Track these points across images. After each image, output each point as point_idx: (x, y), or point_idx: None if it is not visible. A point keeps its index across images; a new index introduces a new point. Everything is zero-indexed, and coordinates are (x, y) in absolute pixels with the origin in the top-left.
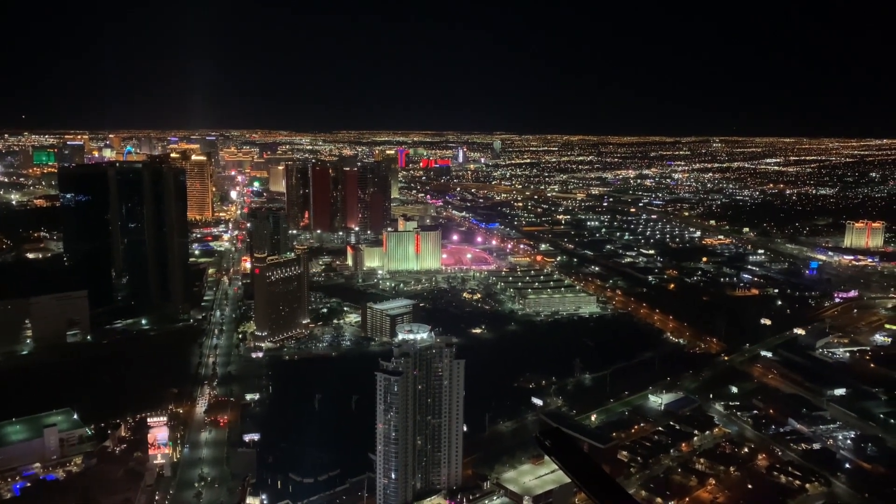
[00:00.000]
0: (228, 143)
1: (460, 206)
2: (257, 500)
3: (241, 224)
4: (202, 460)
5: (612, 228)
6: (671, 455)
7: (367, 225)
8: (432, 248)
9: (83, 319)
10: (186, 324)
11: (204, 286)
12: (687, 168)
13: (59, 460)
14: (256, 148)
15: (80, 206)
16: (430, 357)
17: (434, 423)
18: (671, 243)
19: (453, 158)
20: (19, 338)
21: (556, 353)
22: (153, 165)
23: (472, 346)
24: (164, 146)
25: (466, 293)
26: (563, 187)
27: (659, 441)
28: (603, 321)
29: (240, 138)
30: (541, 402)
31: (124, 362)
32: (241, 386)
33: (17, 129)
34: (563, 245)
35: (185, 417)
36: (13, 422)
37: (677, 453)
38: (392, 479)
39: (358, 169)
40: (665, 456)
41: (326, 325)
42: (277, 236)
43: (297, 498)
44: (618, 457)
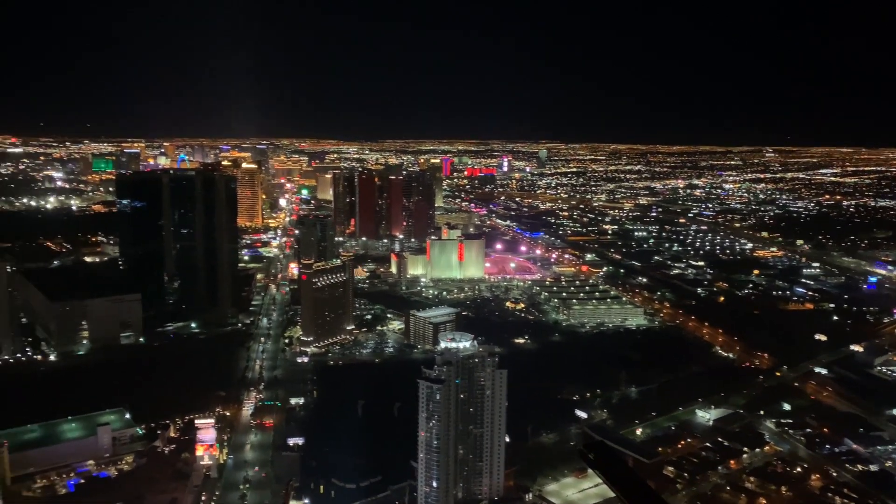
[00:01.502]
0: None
1: (504, 214)
2: None
3: (289, 231)
4: (247, 463)
5: (660, 239)
6: (719, 472)
7: (411, 233)
8: (476, 256)
9: (136, 322)
10: (235, 328)
11: (252, 291)
12: (738, 178)
13: (112, 458)
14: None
15: (136, 211)
16: (472, 366)
17: (476, 432)
18: (721, 255)
19: (498, 167)
20: (76, 338)
21: (601, 365)
22: (205, 173)
23: (514, 356)
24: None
25: (510, 302)
26: (610, 197)
27: (707, 457)
28: (650, 334)
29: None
30: (584, 414)
31: (174, 364)
32: (287, 390)
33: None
34: (610, 255)
35: (231, 420)
36: (69, 420)
37: (726, 470)
38: (433, 487)
39: (403, 177)
40: (713, 473)
41: (370, 332)
42: (324, 243)
43: (339, 503)
44: (664, 472)
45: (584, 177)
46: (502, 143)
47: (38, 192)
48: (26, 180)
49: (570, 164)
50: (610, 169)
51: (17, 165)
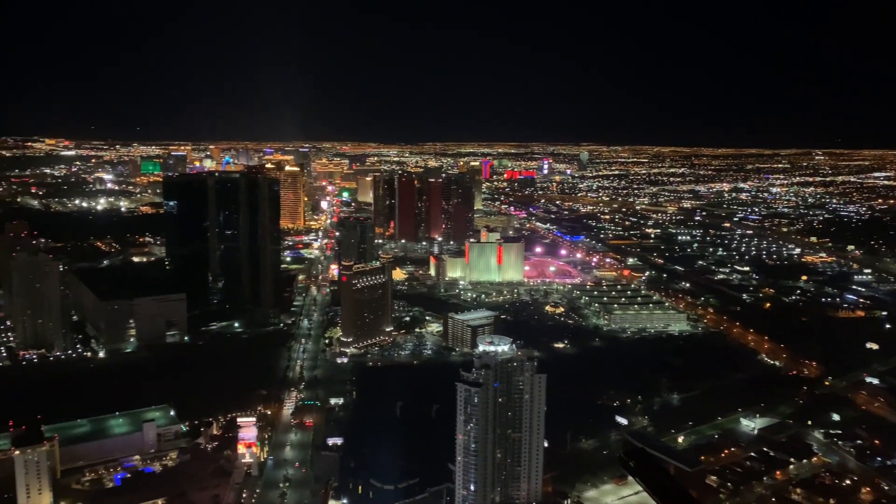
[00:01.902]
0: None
1: (544, 217)
2: None
3: (330, 233)
4: (287, 461)
5: (704, 243)
6: (764, 483)
7: (450, 235)
8: (515, 259)
9: (181, 321)
10: (276, 328)
11: (294, 292)
12: (786, 182)
13: (156, 454)
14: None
15: (182, 213)
16: (511, 370)
17: (514, 436)
18: (768, 260)
19: (538, 170)
20: (124, 336)
21: (642, 371)
22: (249, 175)
23: (554, 360)
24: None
25: (549, 306)
26: (653, 200)
27: (751, 467)
28: (693, 340)
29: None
30: (625, 420)
31: (218, 363)
32: (326, 390)
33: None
34: (652, 260)
35: (272, 418)
36: (116, 415)
37: (771, 481)
38: (471, 490)
39: (442, 180)
40: (757, 483)
41: (409, 334)
42: (364, 245)
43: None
44: (706, 482)
45: (627, 179)
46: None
47: (89, 193)
48: (78, 182)
49: (611, 167)
50: (653, 172)
51: (69, 168)
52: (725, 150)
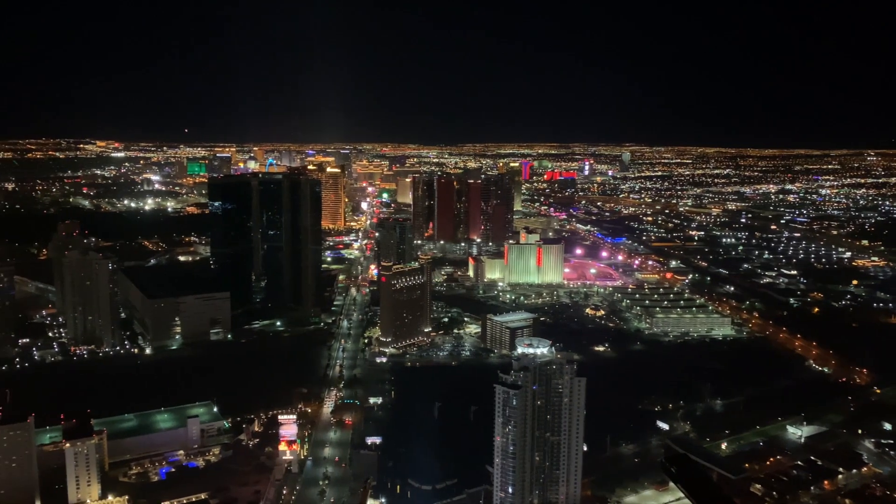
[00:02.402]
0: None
1: (585, 219)
2: (377, 503)
3: (370, 233)
4: (326, 459)
5: (749, 246)
6: (811, 492)
7: (489, 237)
8: (554, 261)
9: (225, 319)
10: (317, 327)
11: (334, 292)
12: (836, 183)
13: (200, 449)
14: (386, 161)
15: (226, 213)
16: (550, 372)
17: (553, 440)
18: (816, 264)
19: (579, 171)
20: (170, 333)
21: (685, 376)
22: (292, 177)
23: (594, 363)
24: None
25: (589, 309)
26: (697, 202)
27: (798, 476)
28: (737, 344)
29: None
30: (666, 426)
31: (260, 361)
32: (366, 389)
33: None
34: (696, 262)
35: (312, 416)
36: (161, 411)
37: (818, 491)
38: (509, 493)
39: (481, 181)
40: (804, 493)
41: (447, 335)
42: (403, 246)
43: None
44: (750, 490)
45: (670, 181)
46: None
47: (138, 194)
48: (127, 183)
49: (654, 168)
50: (697, 173)
51: (119, 169)
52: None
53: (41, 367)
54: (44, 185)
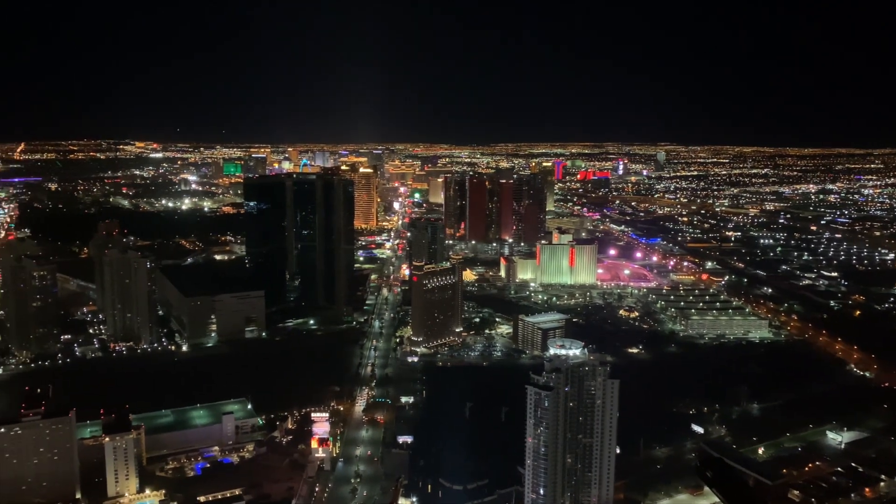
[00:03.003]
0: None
1: (619, 219)
2: (408, 502)
3: (401, 233)
4: (358, 458)
5: (788, 247)
6: (851, 499)
7: (521, 237)
8: (587, 262)
9: (260, 317)
10: (349, 326)
11: (366, 291)
12: (880, 183)
13: (234, 446)
14: (418, 161)
15: (261, 213)
16: (582, 374)
17: (585, 442)
18: (858, 266)
19: (613, 170)
20: (206, 331)
21: (721, 379)
22: (325, 177)
23: (627, 365)
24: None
25: (623, 310)
26: (734, 202)
27: (837, 483)
28: (775, 348)
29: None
30: (701, 429)
31: (293, 359)
32: (397, 388)
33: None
34: (732, 264)
35: (345, 415)
36: (197, 407)
37: (859, 498)
38: (540, 494)
39: (513, 181)
40: (844, 500)
41: (478, 335)
42: (434, 246)
43: None
44: (788, 496)
45: (706, 180)
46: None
47: (175, 194)
48: (165, 183)
49: (690, 168)
50: (734, 172)
51: (157, 169)
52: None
53: (82, 362)
54: (85, 185)
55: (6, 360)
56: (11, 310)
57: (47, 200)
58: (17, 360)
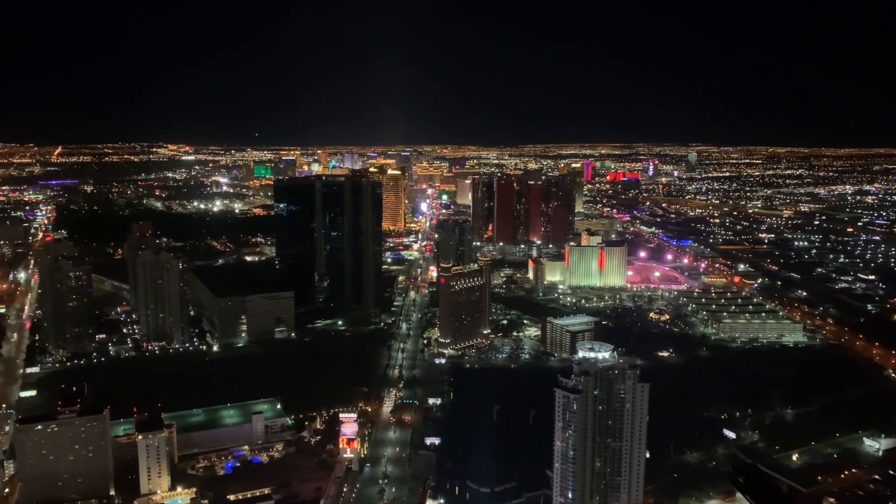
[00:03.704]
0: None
1: (649, 221)
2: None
3: (429, 235)
4: (386, 458)
5: (823, 249)
6: None
7: (549, 238)
8: (617, 264)
9: (289, 318)
10: (377, 327)
11: (394, 292)
12: None
13: (264, 445)
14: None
15: (291, 214)
16: (611, 377)
17: (614, 445)
18: None
19: (643, 171)
20: (236, 331)
21: (753, 384)
22: (354, 179)
23: (657, 369)
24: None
25: (653, 313)
26: (767, 203)
27: (874, 491)
28: (810, 352)
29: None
30: (733, 434)
31: (322, 359)
32: (425, 390)
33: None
34: (766, 266)
35: (372, 415)
36: (227, 406)
37: None
38: (569, 498)
39: (542, 182)
40: None
41: (506, 337)
42: (462, 247)
43: None
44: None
45: (738, 182)
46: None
47: (206, 195)
48: (197, 185)
49: (722, 169)
50: (767, 173)
51: (189, 172)
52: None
53: (116, 361)
54: (119, 187)
55: (43, 358)
56: (48, 309)
57: (83, 202)
58: (54, 359)
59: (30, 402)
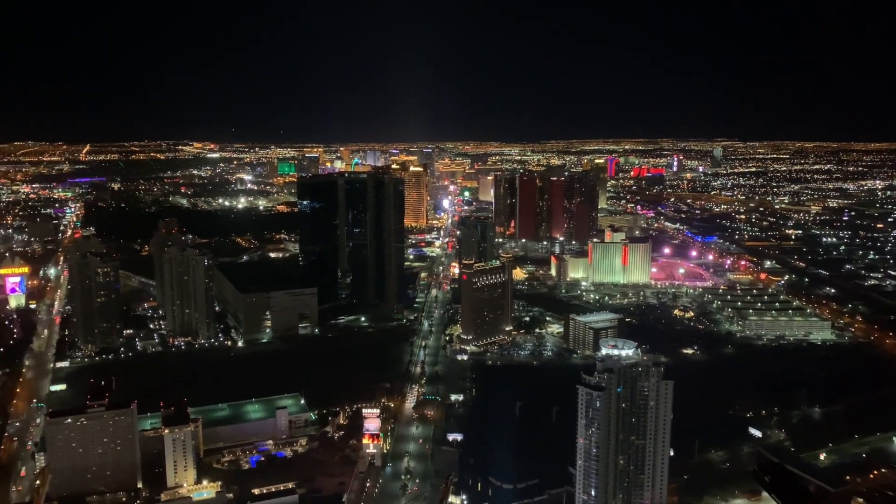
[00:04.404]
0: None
1: (674, 217)
2: (458, 500)
3: (451, 231)
4: (408, 454)
5: (852, 246)
6: None
7: (572, 235)
8: (641, 260)
9: (312, 314)
10: (399, 323)
11: (416, 289)
12: None
13: (288, 440)
14: (468, 159)
15: (314, 211)
16: (635, 375)
17: (638, 443)
18: None
19: (668, 167)
20: (260, 327)
21: (780, 382)
22: (376, 176)
23: (682, 366)
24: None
25: (678, 310)
26: (795, 199)
27: None
28: (838, 350)
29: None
30: (759, 433)
31: (344, 355)
32: (447, 386)
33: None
34: (793, 263)
35: (395, 411)
36: (252, 401)
37: None
38: (592, 495)
39: (565, 178)
40: None
41: (528, 334)
42: (484, 244)
43: (497, 503)
44: None
45: (765, 177)
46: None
47: (231, 193)
48: (221, 182)
49: (748, 164)
50: (794, 168)
51: (214, 169)
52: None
53: (143, 356)
54: (146, 184)
55: (72, 353)
56: (77, 305)
57: (111, 200)
58: (83, 354)
59: (60, 396)
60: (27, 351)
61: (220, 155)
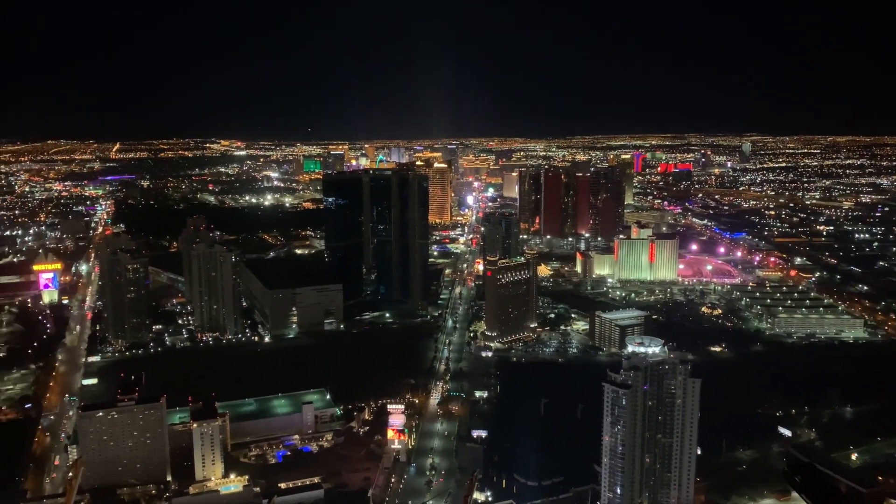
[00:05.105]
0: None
1: (701, 213)
2: (483, 496)
3: (475, 228)
4: (433, 450)
5: (886, 242)
6: None
7: (597, 231)
8: (668, 257)
9: (338, 310)
10: (424, 320)
11: (441, 285)
12: None
13: (313, 435)
14: (493, 155)
15: (339, 208)
16: (662, 372)
17: (664, 441)
18: None
19: (695, 162)
20: (287, 323)
21: (810, 381)
22: (400, 172)
23: (709, 364)
24: (411, 154)
25: (705, 307)
26: (826, 194)
27: None
28: (871, 348)
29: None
30: (789, 432)
31: (370, 351)
32: (471, 383)
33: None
34: (824, 259)
35: (420, 407)
36: (278, 396)
37: None
38: (617, 493)
39: (590, 174)
40: None
41: (553, 331)
42: (509, 240)
43: (522, 500)
44: None
45: (795, 172)
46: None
47: (258, 190)
48: (248, 180)
49: (778, 159)
50: (826, 163)
51: (241, 166)
52: None
53: (172, 351)
54: (174, 182)
55: (104, 347)
56: (108, 301)
57: (140, 197)
58: (114, 349)
59: (91, 390)
60: (60, 346)
61: (247, 152)
